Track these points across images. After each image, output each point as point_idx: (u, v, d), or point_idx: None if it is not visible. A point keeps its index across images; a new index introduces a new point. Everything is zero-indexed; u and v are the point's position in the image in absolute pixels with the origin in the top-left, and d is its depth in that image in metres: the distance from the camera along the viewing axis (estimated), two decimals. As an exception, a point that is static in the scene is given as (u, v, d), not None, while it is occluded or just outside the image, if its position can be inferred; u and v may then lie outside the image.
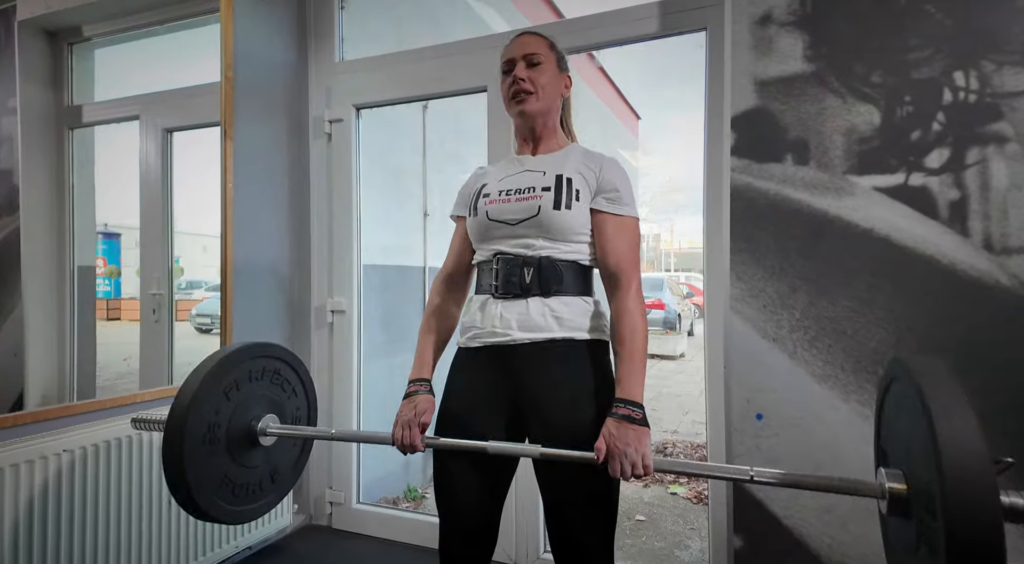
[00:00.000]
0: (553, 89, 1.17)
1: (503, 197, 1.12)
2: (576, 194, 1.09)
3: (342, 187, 2.21)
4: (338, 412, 2.21)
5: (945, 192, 1.32)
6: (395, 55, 2.15)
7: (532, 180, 1.12)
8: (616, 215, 1.10)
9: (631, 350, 1.02)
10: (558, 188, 1.08)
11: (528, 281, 1.08)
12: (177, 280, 2.16)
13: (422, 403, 1.12)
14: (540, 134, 1.19)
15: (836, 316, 1.40)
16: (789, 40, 1.45)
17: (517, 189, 1.11)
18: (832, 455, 1.40)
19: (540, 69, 1.15)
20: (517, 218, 1.09)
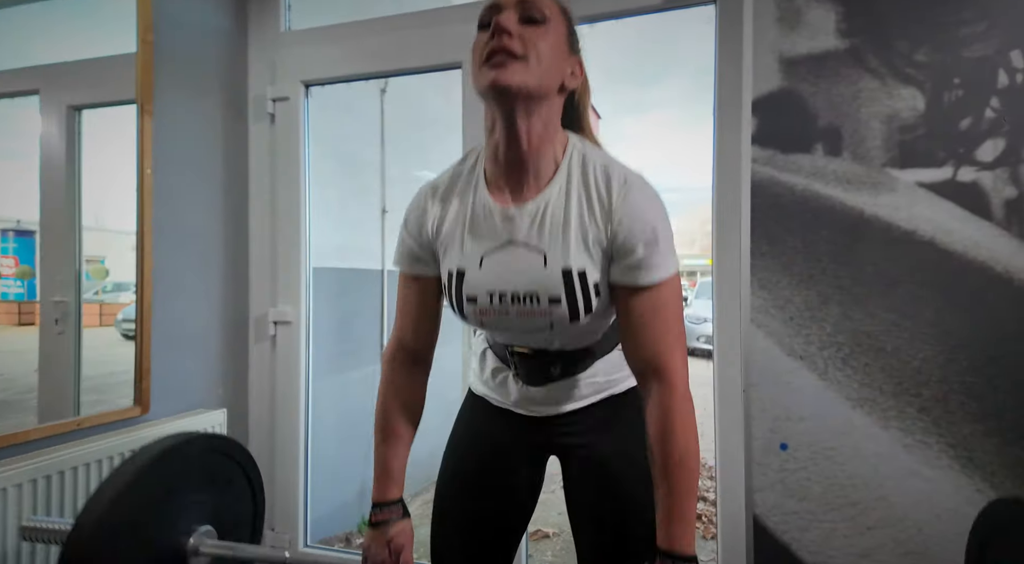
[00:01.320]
0: (554, 66, 0.75)
1: (497, 307, 0.81)
2: (594, 291, 0.78)
3: (288, 177, 1.90)
4: (283, 439, 1.89)
5: (1000, 189, 1.15)
6: (351, 25, 1.85)
7: (530, 280, 0.78)
8: (648, 287, 0.76)
9: (680, 481, 0.73)
10: (570, 294, 0.77)
11: (557, 374, 0.89)
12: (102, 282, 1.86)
13: (398, 536, 0.87)
14: (527, 149, 0.76)
15: (874, 330, 1.22)
16: (820, 12, 1.25)
17: (515, 296, 0.79)
18: (872, 493, 1.21)
19: (541, 30, 0.73)
20: (525, 331, 0.84)
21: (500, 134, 0.77)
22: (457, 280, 0.82)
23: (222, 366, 1.82)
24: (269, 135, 1.92)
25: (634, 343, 0.78)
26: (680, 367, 0.76)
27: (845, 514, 1.23)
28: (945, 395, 1.17)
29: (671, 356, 0.76)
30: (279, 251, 1.91)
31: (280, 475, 1.90)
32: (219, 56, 1.85)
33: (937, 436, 1.18)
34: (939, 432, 1.18)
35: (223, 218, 1.84)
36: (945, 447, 1.17)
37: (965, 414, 1.16)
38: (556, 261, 0.77)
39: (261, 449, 1.89)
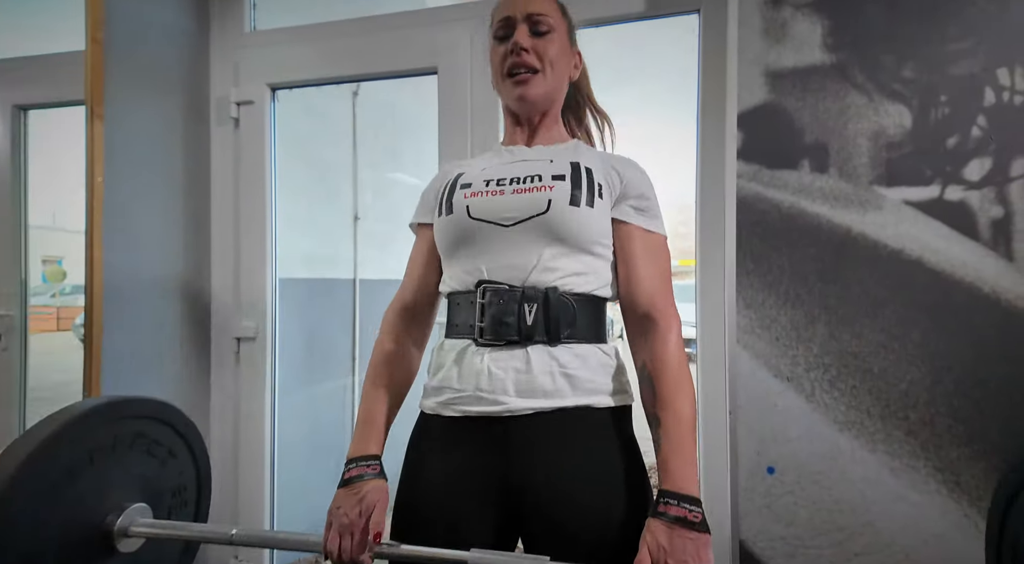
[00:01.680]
0: (562, 67, 0.91)
1: (493, 188, 0.82)
2: (599, 189, 0.82)
3: (253, 184, 1.80)
4: (247, 461, 1.79)
5: (987, 208, 1.13)
6: (321, 26, 1.76)
7: (536, 167, 0.84)
8: (647, 231, 0.84)
9: (679, 421, 0.73)
10: (575, 178, 0.81)
11: (530, 322, 0.76)
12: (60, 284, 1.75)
13: (371, 493, 0.77)
14: (540, 121, 0.93)
15: (861, 351, 1.19)
16: (806, 25, 1.22)
17: (515, 178, 0.82)
18: (859, 518, 1.18)
19: (549, 39, 0.88)
20: (515, 217, 0.78)
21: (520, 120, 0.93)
22: (455, 179, 0.88)
23: (181, 385, 1.71)
24: (233, 140, 1.82)
25: (632, 287, 0.81)
26: (674, 318, 0.80)
27: (832, 539, 1.20)
28: (932, 418, 1.15)
29: (666, 304, 0.80)
30: (243, 262, 1.81)
31: (245, 498, 1.80)
32: (178, 57, 1.74)
33: (924, 460, 1.15)
34: (926, 456, 1.15)
35: (183, 227, 1.74)
36: (932, 471, 1.15)
37: (952, 437, 1.14)
38: (565, 159, 0.85)
39: (225, 472, 1.79)
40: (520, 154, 0.91)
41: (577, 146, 0.93)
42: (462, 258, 0.82)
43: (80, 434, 0.81)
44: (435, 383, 0.83)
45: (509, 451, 0.76)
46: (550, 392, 0.76)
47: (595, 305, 0.81)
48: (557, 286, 0.77)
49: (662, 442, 0.73)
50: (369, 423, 0.84)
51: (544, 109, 0.92)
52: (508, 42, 0.87)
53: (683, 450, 0.72)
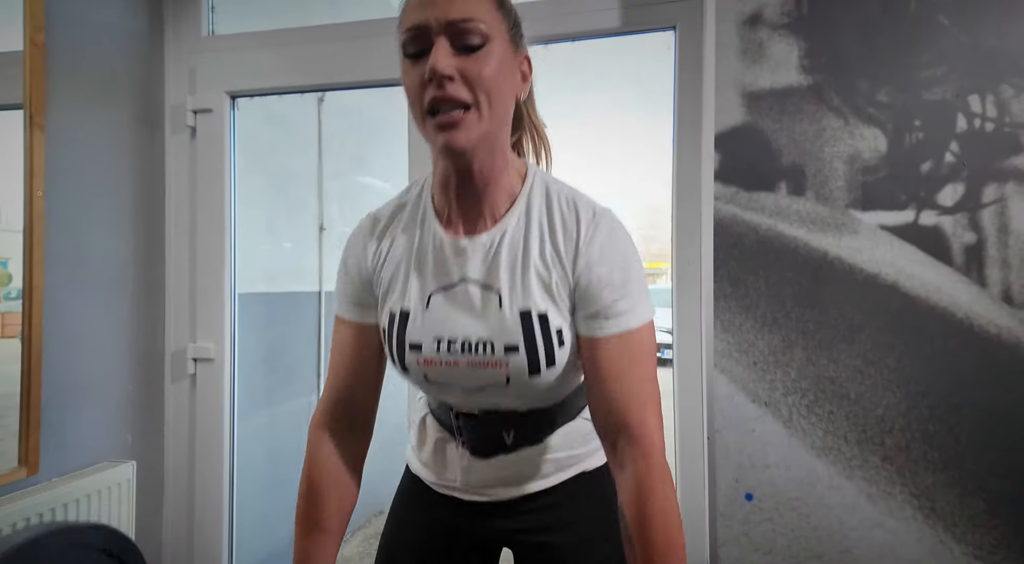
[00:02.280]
0: (505, 91, 0.66)
1: (445, 357, 0.70)
2: (557, 339, 0.67)
3: (210, 196, 1.71)
4: (202, 493, 1.69)
5: (960, 234, 1.14)
6: (285, 32, 1.69)
7: (483, 325, 0.68)
8: (619, 335, 0.67)
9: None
10: (530, 343, 0.66)
11: (510, 442, 0.74)
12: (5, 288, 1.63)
13: None
14: (481, 181, 0.69)
15: (838, 376, 1.18)
16: (783, 46, 1.21)
17: (466, 344, 0.69)
18: (836, 545, 1.17)
19: (483, 56, 0.62)
20: (476, 386, 0.71)
21: (450, 171, 0.69)
22: (400, 323, 0.71)
23: (131, 411, 1.61)
24: (189, 149, 1.72)
25: (603, 402, 0.67)
26: (656, 431, 0.66)
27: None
28: (908, 444, 1.15)
29: (645, 417, 0.66)
30: (200, 277, 1.71)
31: (200, 531, 1.70)
32: (129, 61, 1.64)
33: (900, 486, 1.15)
34: (902, 482, 1.15)
35: (133, 243, 1.63)
36: (908, 497, 1.15)
37: (927, 463, 1.14)
38: (514, 302, 0.67)
39: (179, 503, 1.69)
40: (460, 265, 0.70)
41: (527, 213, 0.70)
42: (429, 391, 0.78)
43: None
44: (423, 457, 0.81)
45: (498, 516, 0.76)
46: (536, 477, 0.76)
47: (573, 396, 0.78)
48: (526, 410, 0.74)
49: None
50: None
51: (484, 153, 0.67)
52: (421, 61, 0.62)
53: None
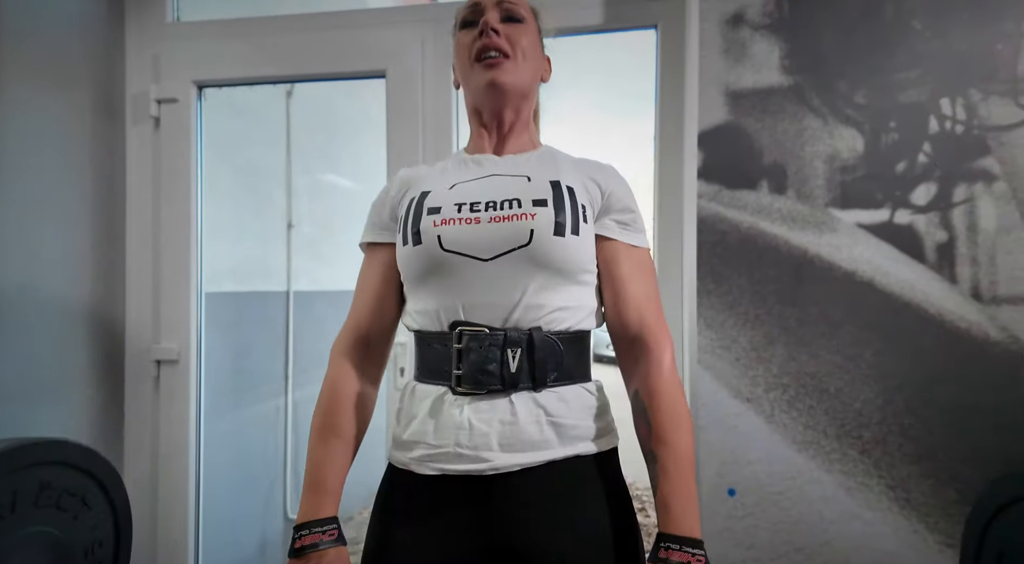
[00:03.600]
0: (535, 61, 0.84)
1: (467, 215, 0.72)
2: (583, 211, 0.75)
3: (175, 190, 1.63)
4: (168, 497, 1.61)
5: (932, 233, 1.17)
6: (256, 21, 1.62)
7: (512, 188, 0.74)
8: (633, 246, 0.78)
9: (678, 459, 0.68)
10: (558, 201, 0.72)
11: (514, 370, 0.69)
12: None
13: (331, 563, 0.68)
14: (511, 125, 0.84)
15: (818, 372, 1.20)
16: (764, 46, 1.23)
17: (491, 202, 0.73)
18: (816, 538, 1.19)
19: (522, 28, 0.82)
20: (494, 250, 0.70)
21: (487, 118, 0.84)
22: (419, 199, 0.77)
23: (89, 417, 1.51)
24: (152, 141, 1.64)
25: (621, 309, 0.76)
26: (666, 340, 0.75)
27: (791, 560, 1.20)
28: (884, 437, 1.18)
29: (658, 325, 0.75)
30: (163, 276, 1.63)
31: (164, 538, 1.61)
32: (86, 47, 1.55)
33: (877, 478, 1.18)
34: (879, 474, 1.18)
35: (91, 239, 1.54)
36: (885, 489, 1.18)
37: (903, 456, 1.17)
38: (543, 177, 0.77)
39: (141, 512, 1.60)
40: (490, 167, 0.81)
41: (553, 155, 0.85)
42: (433, 293, 0.73)
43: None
44: (407, 436, 0.74)
45: (493, 509, 0.69)
46: (538, 443, 0.69)
47: (580, 341, 0.75)
48: (541, 325, 0.70)
49: (660, 481, 0.68)
50: (320, 483, 0.73)
51: (515, 104, 0.82)
52: (476, 27, 0.80)
53: (684, 489, 0.67)
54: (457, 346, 0.70)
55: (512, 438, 0.68)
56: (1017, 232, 1.14)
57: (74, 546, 0.83)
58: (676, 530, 0.65)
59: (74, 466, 0.85)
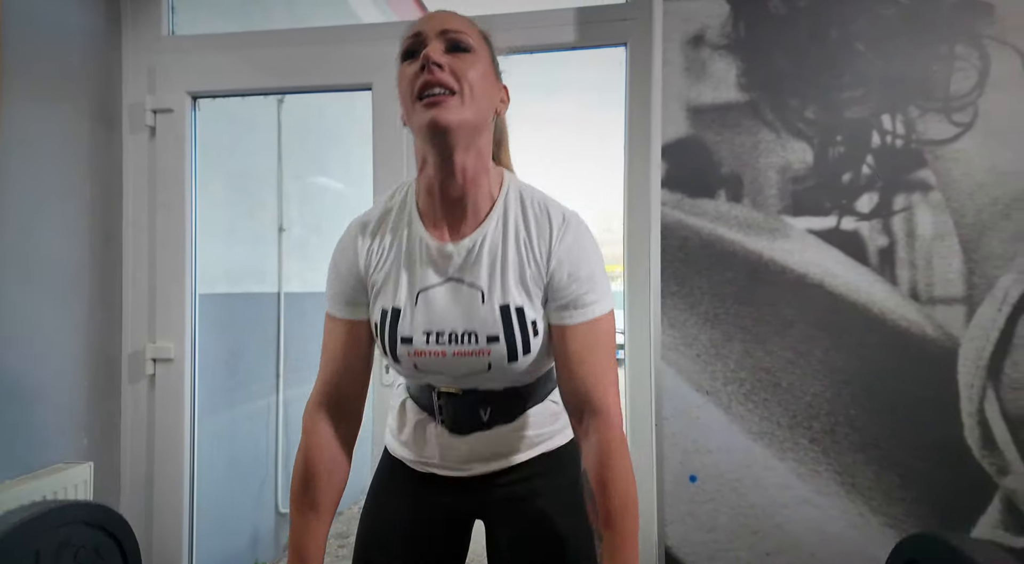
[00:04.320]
0: (486, 95, 0.74)
1: (434, 348, 0.77)
2: (532, 329, 0.76)
3: (170, 196, 1.70)
4: (163, 492, 1.68)
5: (875, 238, 1.27)
6: (248, 35, 1.70)
7: (468, 319, 0.76)
8: (586, 323, 0.76)
9: (624, 540, 0.71)
10: (509, 333, 0.75)
11: (486, 419, 0.82)
12: None
13: None
14: (463, 179, 0.75)
15: (772, 367, 1.30)
16: (723, 65, 1.33)
17: (453, 335, 0.76)
18: (770, 521, 1.29)
19: (470, 59, 0.72)
20: (461, 373, 0.79)
21: (434, 170, 0.75)
22: (392, 319, 0.78)
23: (87, 413, 1.59)
24: (148, 149, 1.71)
25: (571, 381, 0.76)
26: (616, 407, 0.76)
27: (747, 542, 1.30)
28: (832, 427, 1.27)
29: (607, 395, 0.75)
30: (159, 278, 1.70)
31: (159, 530, 1.69)
32: (84, 59, 1.62)
33: (826, 465, 1.27)
34: (827, 461, 1.27)
35: (89, 242, 1.62)
36: (833, 475, 1.27)
37: (849, 444, 1.27)
38: (494, 297, 0.76)
39: (136, 504, 1.67)
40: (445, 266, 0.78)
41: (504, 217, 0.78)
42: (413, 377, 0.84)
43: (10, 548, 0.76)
44: (403, 438, 0.87)
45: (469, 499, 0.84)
46: (509, 454, 0.83)
47: (544, 377, 0.86)
48: (503, 389, 0.82)
49: (607, 554, 0.72)
50: (302, 552, 0.78)
51: (465, 144, 0.72)
52: (418, 59, 0.71)
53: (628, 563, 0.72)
54: (437, 402, 0.83)
55: (487, 454, 0.83)
56: (950, 238, 1.24)
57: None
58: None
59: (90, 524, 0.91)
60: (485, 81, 0.74)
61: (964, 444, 1.23)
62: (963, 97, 1.24)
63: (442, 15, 0.76)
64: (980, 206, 1.23)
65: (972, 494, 1.22)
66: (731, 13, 1.32)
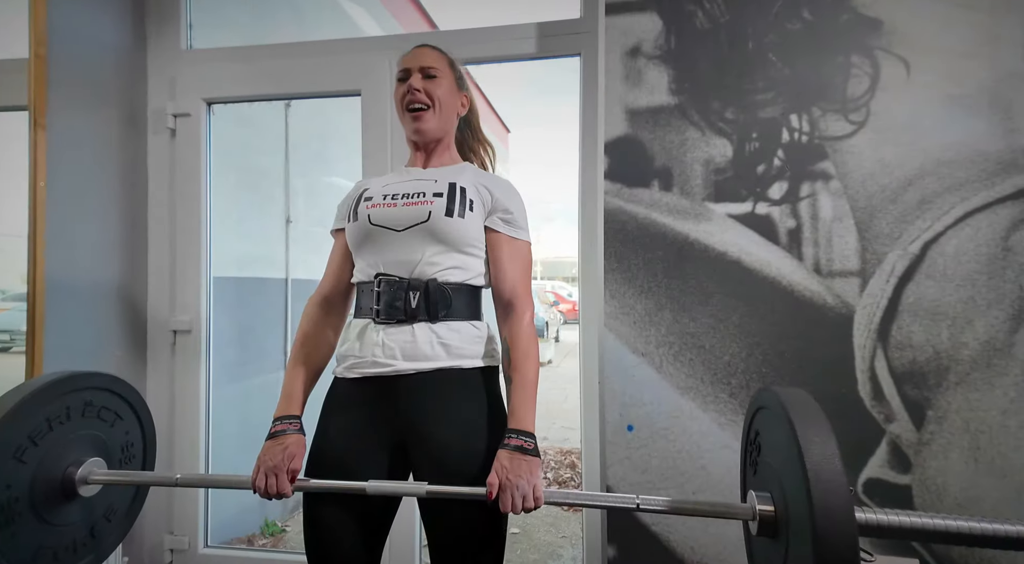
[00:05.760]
0: (450, 105, 1.15)
1: (388, 201, 1.05)
2: (470, 204, 1.05)
3: (188, 189, 1.96)
4: (182, 446, 1.94)
5: (784, 221, 1.48)
6: (255, 48, 1.95)
7: (422, 186, 1.07)
8: (512, 238, 1.09)
9: (524, 379, 0.99)
10: (451, 195, 1.04)
11: (414, 306, 1.00)
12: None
13: (292, 445, 0.99)
14: (434, 149, 1.16)
15: (696, 332, 1.51)
16: (656, 73, 1.54)
17: (405, 194, 1.06)
18: (695, 464, 1.50)
19: (438, 83, 1.12)
20: (404, 224, 1.02)
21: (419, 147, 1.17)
22: (362, 194, 1.10)
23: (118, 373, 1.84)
24: (169, 149, 1.97)
25: (499, 281, 1.07)
26: (528, 304, 1.07)
27: (675, 482, 1.51)
28: (748, 383, 1.48)
29: (524, 294, 1.07)
30: (179, 260, 1.96)
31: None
32: (116, 71, 1.88)
33: (742, 415, 1.48)
34: (743, 412, 1.48)
35: (119, 229, 1.88)
36: (747, 423, 1.48)
37: (761, 397, 1.47)
38: (446, 180, 1.08)
39: (162, 457, 1.93)
40: (415, 175, 1.13)
41: (463, 169, 1.15)
42: (365, 255, 1.05)
43: (36, 406, 0.98)
44: (343, 351, 1.07)
45: (397, 405, 1.00)
46: (429, 356, 1.00)
47: (469, 291, 1.06)
48: (436, 277, 1.01)
49: (512, 395, 0.99)
50: (290, 392, 1.05)
51: (437, 137, 1.14)
52: (406, 83, 1.12)
53: (526, 400, 0.97)
54: (376, 290, 1.02)
55: (411, 352, 1.00)
56: (847, 220, 1.44)
57: (113, 445, 1.13)
58: (517, 425, 0.96)
59: (107, 390, 1.14)
60: (449, 95, 1.15)
61: (857, 396, 1.43)
62: (857, 99, 1.44)
63: (422, 54, 1.14)
64: (871, 192, 1.44)
65: (863, 439, 1.43)
66: (663, 28, 1.54)
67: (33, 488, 0.97)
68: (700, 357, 1.51)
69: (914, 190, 1.42)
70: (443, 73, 1.14)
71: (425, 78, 1.12)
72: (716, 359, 1.50)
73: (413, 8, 4.95)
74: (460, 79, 1.20)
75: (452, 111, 1.17)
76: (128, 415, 1.16)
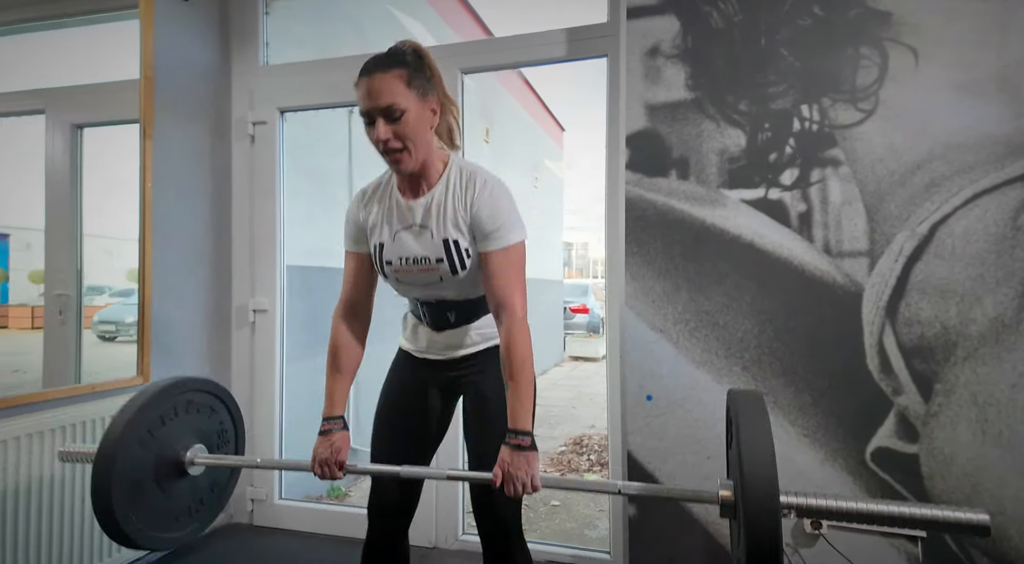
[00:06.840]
0: (422, 132, 1.11)
1: (405, 266, 1.18)
2: (465, 254, 1.15)
3: (265, 188, 2.25)
4: (260, 414, 2.24)
5: (796, 205, 1.57)
6: (320, 62, 2.22)
7: (423, 248, 1.16)
8: (503, 250, 1.13)
9: (519, 383, 1.10)
10: (449, 256, 1.15)
11: (454, 320, 1.24)
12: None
13: (337, 441, 1.21)
14: (419, 170, 1.16)
15: (711, 309, 1.63)
16: (673, 71, 1.67)
17: (414, 258, 1.17)
18: (709, 431, 1.62)
19: (404, 122, 1.07)
20: (424, 281, 1.21)
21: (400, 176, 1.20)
22: (379, 250, 1.21)
23: (208, 347, 2.16)
24: (250, 153, 2.27)
25: (490, 289, 1.14)
26: (520, 304, 1.13)
27: (692, 448, 1.63)
28: (759, 357, 1.59)
29: (514, 294, 1.12)
30: (257, 250, 2.26)
31: (258, 442, 2.24)
32: (207, 86, 2.20)
33: (754, 387, 1.59)
34: (755, 384, 1.59)
35: (209, 223, 2.19)
36: (759, 395, 1.58)
37: (772, 371, 1.58)
38: (439, 234, 1.16)
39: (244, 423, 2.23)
40: (409, 215, 1.17)
41: (446, 185, 1.16)
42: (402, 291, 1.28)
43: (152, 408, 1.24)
44: (406, 336, 1.33)
45: (452, 366, 1.28)
46: (469, 345, 1.26)
47: (482, 300, 1.24)
48: (460, 299, 1.24)
49: (510, 400, 1.11)
50: (332, 396, 1.23)
51: (417, 164, 1.12)
52: (374, 129, 1.07)
53: (522, 403, 1.10)
54: (422, 310, 1.26)
55: (457, 344, 1.25)
56: (856, 204, 1.52)
57: (211, 432, 1.39)
58: (516, 426, 1.09)
59: (203, 390, 1.40)
60: (418, 124, 1.09)
61: (866, 370, 1.51)
62: (867, 88, 1.52)
63: (375, 91, 1.05)
64: (880, 177, 1.51)
65: (872, 410, 1.50)
66: (680, 29, 1.66)
67: (156, 468, 1.24)
68: (715, 333, 1.63)
69: (923, 173, 1.48)
70: (405, 100, 1.06)
71: (389, 122, 1.06)
72: (730, 335, 1.61)
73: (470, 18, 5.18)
74: (424, 86, 1.11)
75: (425, 132, 1.12)
76: (220, 408, 1.42)
